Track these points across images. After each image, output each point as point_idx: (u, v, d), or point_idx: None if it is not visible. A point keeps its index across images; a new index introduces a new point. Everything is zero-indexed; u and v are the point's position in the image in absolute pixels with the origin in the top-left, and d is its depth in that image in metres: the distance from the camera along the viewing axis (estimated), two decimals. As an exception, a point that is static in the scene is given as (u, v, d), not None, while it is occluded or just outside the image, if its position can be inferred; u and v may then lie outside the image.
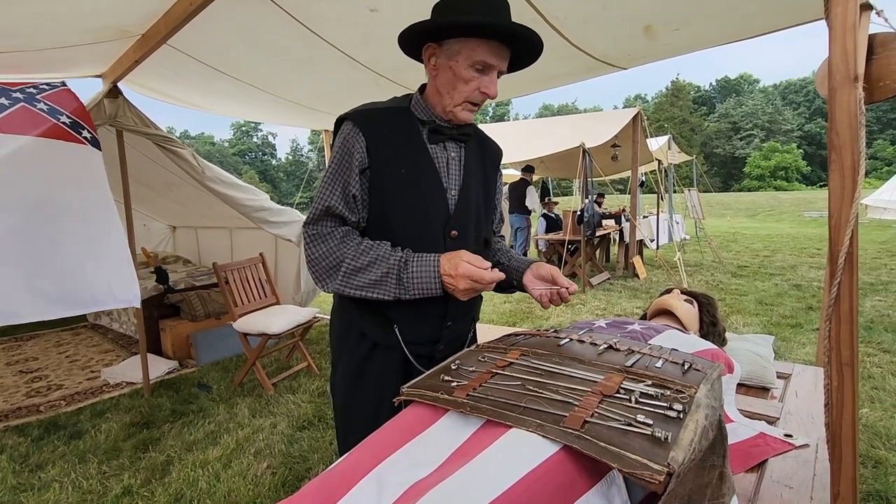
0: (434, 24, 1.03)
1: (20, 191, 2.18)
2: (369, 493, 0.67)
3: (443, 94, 1.09)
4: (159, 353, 3.95)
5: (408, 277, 1.03)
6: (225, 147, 67.85)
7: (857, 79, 0.69)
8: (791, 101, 58.83)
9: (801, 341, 3.96)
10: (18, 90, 2.28)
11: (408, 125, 1.12)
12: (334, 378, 1.24)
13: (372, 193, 1.09)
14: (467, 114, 1.10)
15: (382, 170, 1.08)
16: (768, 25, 2.03)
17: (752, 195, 34.80)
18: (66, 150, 2.34)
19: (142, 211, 5.25)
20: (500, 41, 1.03)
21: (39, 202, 2.23)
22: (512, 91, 3.37)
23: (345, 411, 1.21)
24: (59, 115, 2.35)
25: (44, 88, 2.37)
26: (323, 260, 1.07)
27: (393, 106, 1.14)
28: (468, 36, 1.02)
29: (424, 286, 1.03)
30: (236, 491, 2.12)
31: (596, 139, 6.73)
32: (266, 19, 2.16)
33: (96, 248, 2.40)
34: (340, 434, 1.24)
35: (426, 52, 1.09)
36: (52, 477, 2.28)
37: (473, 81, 1.05)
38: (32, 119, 2.25)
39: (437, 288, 1.03)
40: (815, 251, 9.34)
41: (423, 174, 1.10)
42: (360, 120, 1.08)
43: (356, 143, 1.06)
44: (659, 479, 0.59)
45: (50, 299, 2.22)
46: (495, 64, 1.04)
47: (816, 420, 1.26)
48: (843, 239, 0.70)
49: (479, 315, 1.34)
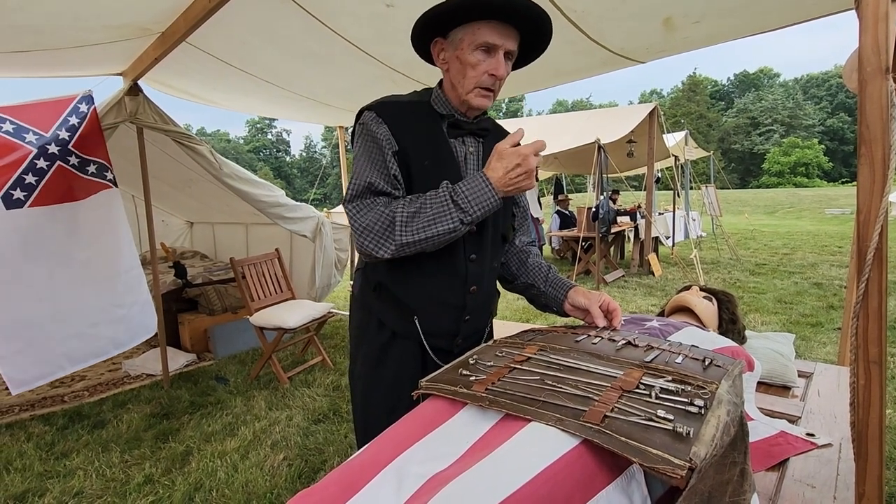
0: (431, 12, 1.03)
1: (63, 251, 2.39)
2: (389, 484, 0.68)
3: (455, 85, 1.09)
4: (178, 347, 4.02)
5: (463, 199, 0.99)
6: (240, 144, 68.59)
7: (888, 70, 0.68)
8: (812, 95, 57.39)
9: (821, 340, 3.88)
10: (53, 137, 2.34)
11: (429, 118, 1.13)
12: (354, 367, 1.25)
13: None
14: (482, 100, 1.09)
15: (407, 159, 1.08)
16: (793, 17, 1.98)
17: (772, 192, 34.09)
18: (95, 202, 2.51)
19: (161, 207, 5.33)
20: (500, 20, 1.01)
21: (75, 258, 2.43)
22: (525, 86, 3.34)
23: (365, 400, 1.21)
24: (88, 167, 2.49)
25: (73, 125, 2.43)
26: (375, 224, 1.03)
27: (415, 99, 1.15)
28: (469, 21, 1.02)
29: (481, 199, 0.99)
30: (254, 482, 2.16)
31: (611, 135, 6.65)
32: (282, 15, 2.18)
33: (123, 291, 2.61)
34: (359, 423, 1.24)
35: (434, 48, 1.10)
36: (76, 465, 2.34)
37: (481, 65, 1.04)
38: (67, 180, 2.39)
39: (494, 196, 0.99)
40: (837, 249, 9.13)
41: (444, 166, 1.11)
42: (382, 110, 1.09)
43: (381, 130, 1.07)
44: (681, 473, 0.58)
45: (86, 352, 2.46)
46: (499, 43, 1.03)
47: (839, 419, 1.24)
48: (872, 234, 0.69)
49: (497, 311, 1.34)
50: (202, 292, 4.11)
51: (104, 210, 2.55)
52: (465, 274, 1.14)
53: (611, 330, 1.10)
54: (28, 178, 2.24)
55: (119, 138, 3.01)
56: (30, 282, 2.28)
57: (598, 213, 6.59)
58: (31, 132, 2.30)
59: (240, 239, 5.15)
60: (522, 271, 1.31)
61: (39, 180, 2.27)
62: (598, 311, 1.14)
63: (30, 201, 2.24)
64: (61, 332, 2.35)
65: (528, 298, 1.34)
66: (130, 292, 2.62)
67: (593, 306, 1.15)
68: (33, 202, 2.26)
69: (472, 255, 1.14)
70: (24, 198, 2.22)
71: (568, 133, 7.35)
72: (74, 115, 2.48)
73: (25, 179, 2.23)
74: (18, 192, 2.21)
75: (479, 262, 1.16)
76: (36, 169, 2.26)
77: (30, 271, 2.28)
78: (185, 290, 4.14)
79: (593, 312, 1.14)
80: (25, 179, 2.23)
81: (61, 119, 2.42)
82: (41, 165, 2.28)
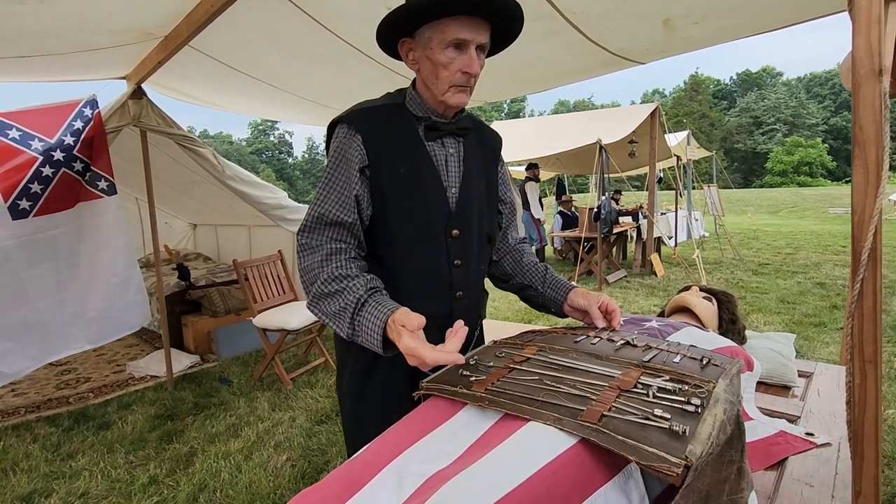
0: (394, 14, 0.98)
1: (54, 256, 2.54)
2: (390, 483, 0.69)
3: (428, 85, 1.05)
4: (181, 348, 4.05)
5: (359, 322, 0.93)
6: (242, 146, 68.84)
7: (881, 72, 0.68)
8: (816, 94, 57.20)
9: (824, 340, 3.87)
10: (58, 143, 2.40)
11: (404, 122, 1.08)
12: (341, 382, 1.20)
13: (372, 194, 1.05)
14: (459, 97, 1.04)
15: (381, 169, 1.04)
16: (791, 17, 1.98)
17: (775, 191, 33.97)
18: (88, 210, 2.64)
19: (164, 209, 5.36)
20: (468, 13, 0.96)
21: (74, 254, 2.61)
22: (527, 87, 3.35)
23: (355, 414, 1.17)
24: (87, 173, 2.58)
25: (77, 129, 2.49)
26: (306, 273, 1.02)
27: (388, 103, 1.10)
28: (436, 18, 0.96)
29: (368, 339, 0.92)
30: (257, 482, 2.17)
31: (613, 135, 6.65)
32: (283, 18, 2.20)
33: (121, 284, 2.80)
34: (349, 437, 1.20)
35: (402, 48, 1.05)
36: (81, 465, 2.36)
37: (453, 63, 0.99)
38: (72, 187, 2.50)
39: (379, 347, 0.90)
40: (840, 248, 9.10)
41: (422, 173, 1.07)
42: (355, 121, 1.05)
43: (353, 143, 1.03)
44: (677, 471, 0.59)
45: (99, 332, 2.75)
46: (470, 38, 0.97)
47: (839, 419, 1.24)
48: (867, 234, 0.69)
49: (486, 313, 1.31)
50: (205, 294, 4.13)
51: (97, 219, 2.66)
52: (451, 280, 1.11)
53: (610, 330, 1.11)
54: (34, 188, 2.29)
55: (123, 141, 3.04)
56: (26, 286, 2.39)
57: (601, 214, 6.58)
58: (37, 138, 2.33)
59: (242, 241, 5.17)
60: (518, 271, 1.28)
61: (45, 189, 2.33)
62: (598, 311, 1.13)
63: (34, 210, 2.30)
64: (41, 330, 2.49)
65: (522, 298, 1.31)
66: (108, 297, 2.76)
67: (592, 307, 1.14)
68: (37, 212, 2.31)
69: (457, 261, 1.11)
70: (29, 207, 2.29)
71: (570, 133, 7.36)
72: (79, 119, 2.51)
73: (31, 189, 2.28)
74: (24, 202, 2.27)
75: (464, 267, 1.12)
76: (42, 177, 2.30)
77: (28, 276, 2.38)
78: (189, 292, 4.16)
79: (592, 313, 1.13)
80: (31, 189, 2.28)
81: (66, 124, 2.45)
82: (47, 173, 2.32)
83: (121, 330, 2.84)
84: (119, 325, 2.82)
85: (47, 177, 2.32)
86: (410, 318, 0.86)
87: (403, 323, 0.86)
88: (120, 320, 2.82)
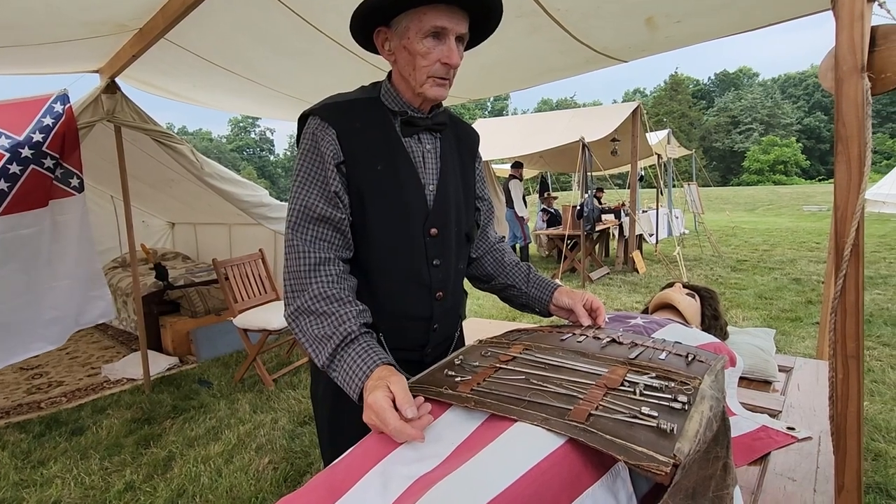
0: (368, 2, 0.94)
1: (31, 246, 2.48)
2: (375, 487, 0.67)
3: (406, 77, 1.00)
4: (160, 350, 3.95)
5: (341, 358, 0.88)
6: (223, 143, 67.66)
7: (863, 69, 0.69)
8: (790, 94, 58.73)
9: (800, 335, 3.97)
10: (26, 140, 2.31)
11: (380, 117, 1.04)
12: (316, 389, 1.14)
13: (348, 192, 1.01)
14: (438, 90, 0.99)
15: (357, 166, 1.00)
16: (771, 17, 2.01)
17: (752, 189, 34.80)
18: (58, 208, 2.58)
19: (141, 207, 5.22)
20: (446, 1, 0.93)
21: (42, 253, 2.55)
22: (511, 85, 3.35)
23: (332, 424, 1.12)
24: (58, 170, 2.50)
25: (47, 126, 2.40)
26: (292, 278, 0.96)
27: (362, 97, 1.05)
28: (413, 5, 0.93)
29: (345, 381, 0.87)
30: (238, 486, 2.13)
31: (595, 133, 6.71)
32: (264, 11, 2.15)
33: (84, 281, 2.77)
34: (326, 445, 1.14)
35: (378, 38, 1.01)
36: (53, 473, 2.28)
37: (432, 53, 0.95)
38: (42, 184, 2.42)
39: (354, 395, 0.86)
40: (815, 245, 9.35)
41: (399, 170, 1.02)
42: (328, 114, 1.00)
43: (326, 138, 0.98)
44: (665, 470, 0.59)
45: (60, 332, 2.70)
46: (449, 26, 0.93)
47: (819, 413, 1.26)
48: (850, 230, 0.70)
49: (465, 313, 1.29)
50: (184, 294, 4.03)
51: (66, 216, 2.60)
52: (430, 281, 1.07)
53: (596, 328, 1.10)
54: (0, 185, 2.19)
55: (96, 137, 2.95)
56: None
57: (584, 211, 6.64)
58: (4, 135, 2.24)
59: (223, 240, 5.07)
60: (500, 271, 1.25)
61: (12, 187, 2.24)
62: (583, 310, 1.13)
63: (1, 209, 2.21)
64: (3, 331, 2.44)
65: (503, 298, 1.29)
66: (70, 296, 2.71)
67: (577, 305, 1.13)
68: (4, 210, 2.22)
69: (436, 261, 1.06)
70: None
71: (553, 131, 7.40)
72: (49, 115, 2.41)
73: None
74: None
75: (443, 267, 1.08)
76: (8, 174, 2.21)
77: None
78: (167, 293, 4.06)
79: (577, 311, 1.13)
80: None
81: (35, 120, 2.36)
82: (14, 170, 2.23)
83: (77, 326, 2.79)
84: (76, 323, 2.78)
85: (14, 174, 2.23)
86: (390, 380, 0.80)
87: (384, 377, 0.81)
88: (79, 318, 2.77)
